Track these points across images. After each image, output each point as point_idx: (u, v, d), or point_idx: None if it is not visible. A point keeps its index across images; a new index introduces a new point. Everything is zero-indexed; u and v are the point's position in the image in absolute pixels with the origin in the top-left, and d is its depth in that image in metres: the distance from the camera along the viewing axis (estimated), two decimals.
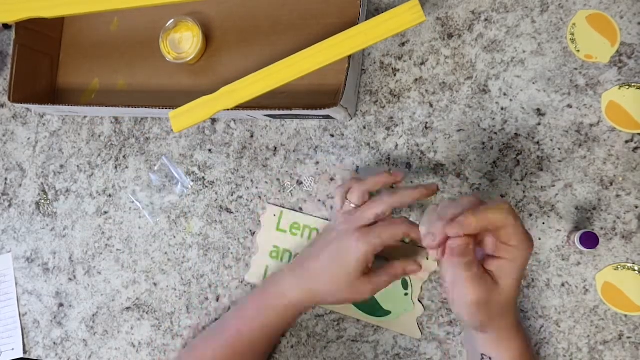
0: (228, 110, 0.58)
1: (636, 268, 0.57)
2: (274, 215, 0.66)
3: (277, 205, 0.66)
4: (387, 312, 0.61)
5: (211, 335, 0.63)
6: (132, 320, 0.70)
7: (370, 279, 0.54)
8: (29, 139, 0.76)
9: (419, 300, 0.61)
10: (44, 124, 0.75)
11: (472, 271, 0.45)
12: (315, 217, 0.65)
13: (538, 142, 0.60)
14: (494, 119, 0.61)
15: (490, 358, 0.51)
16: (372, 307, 0.62)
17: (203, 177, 0.69)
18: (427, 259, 0.60)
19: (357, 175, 0.62)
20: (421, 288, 0.61)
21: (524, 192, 0.60)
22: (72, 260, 0.73)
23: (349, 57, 0.57)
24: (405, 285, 0.61)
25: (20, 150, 0.76)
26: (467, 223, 0.43)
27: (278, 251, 0.65)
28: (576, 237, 0.55)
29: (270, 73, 0.57)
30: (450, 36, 0.63)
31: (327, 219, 0.64)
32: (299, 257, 0.61)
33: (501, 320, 0.48)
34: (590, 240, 0.54)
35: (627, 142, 0.58)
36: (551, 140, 0.60)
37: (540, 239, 0.59)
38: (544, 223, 0.59)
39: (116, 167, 0.72)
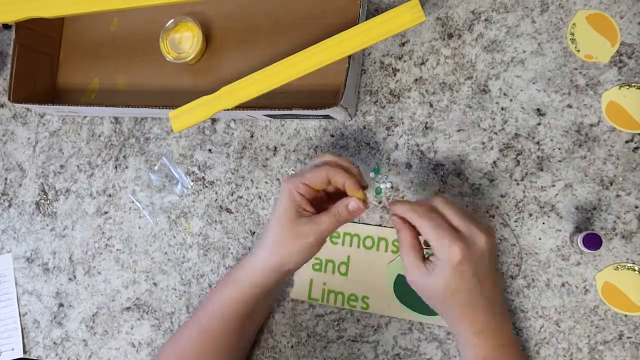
0: (228, 110, 0.58)
1: (636, 268, 0.57)
2: None
3: None
4: None
5: (184, 325, 0.62)
6: (132, 320, 0.70)
7: (310, 219, 0.54)
8: (29, 139, 0.76)
9: None
10: (44, 124, 0.75)
11: (406, 249, 0.53)
12: (354, 222, 0.64)
13: (538, 142, 0.60)
14: (494, 119, 0.61)
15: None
16: (429, 308, 0.61)
17: (203, 177, 0.69)
18: None
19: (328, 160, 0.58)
20: None
21: (524, 192, 0.60)
22: (72, 260, 0.73)
23: (349, 57, 0.57)
24: None
25: (20, 150, 0.76)
26: (393, 208, 0.54)
27: (321, 263, 0.65)
28: (579, 238, 0.55)
29: (270, 73, 0.57)
30: (450, 36, 0.63)
31: (367, 223, 0.64)
32: None
33: (445, 311, 0.54)
34: (593, 242, 0.54)
35: (627, 142, 0.58)
36: (551, 140, 0.60)
37: (540, 239, 0.59)
38: (544, 223, 0.59)
39: (116, 167, 0.72)
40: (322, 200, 0.56)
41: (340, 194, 0.54)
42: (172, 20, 0.68)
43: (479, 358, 0.52)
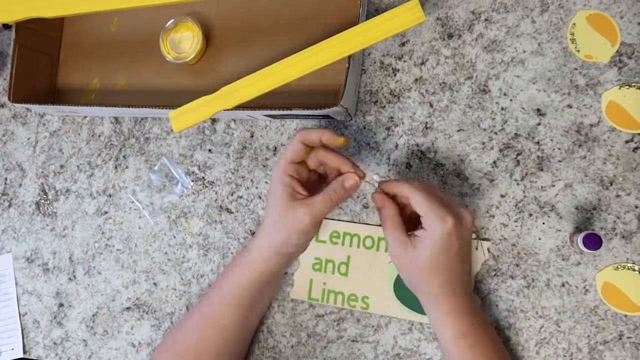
0: (228, 110, 0.58)
1: (636, 268, 0.57)
2: None
3: None
4: None
5: (188, 313, 0.63)
6: (132, 320, 0.70)
7: (303, 201, 0.53)
8: (29, 139, 0.76)
9: None
10: (44, 124, 0.75)
11: (390, 225, 0.54)
12: (354, 222, 0.64)
13: (538, 142, 0.60)
14: (494, 119, 0.61)
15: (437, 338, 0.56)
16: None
17: (203, 177, 0.69)
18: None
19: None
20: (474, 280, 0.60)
21: (524, 192, 0.60)
22: (72, 260, 0.73)
23: (349, 57, 0.57)
24: None
25: (20, 150, 0.76)
26: (383, 185, 0.56)
27: (321, 263, 0.65)
28: (579, 238, 0.55)
29: (270, 73, 0.57)
30: (450, 36, 0.63)
31: (367, 223, 0.64)
32: None
33: (424, 287, 0.54)
34: (593, 242, 0.54)
35: (627, 142, 0.58)
36: (551, 140, 0.60)
37: (540, 239, 0.59)
38: (544, 223, 0.59)
39: (116, 167, 0.72)
40: (317, 183, 0.58)
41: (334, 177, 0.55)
42: (172, 20, 0.68)
43: (455, 337, 0.53)
